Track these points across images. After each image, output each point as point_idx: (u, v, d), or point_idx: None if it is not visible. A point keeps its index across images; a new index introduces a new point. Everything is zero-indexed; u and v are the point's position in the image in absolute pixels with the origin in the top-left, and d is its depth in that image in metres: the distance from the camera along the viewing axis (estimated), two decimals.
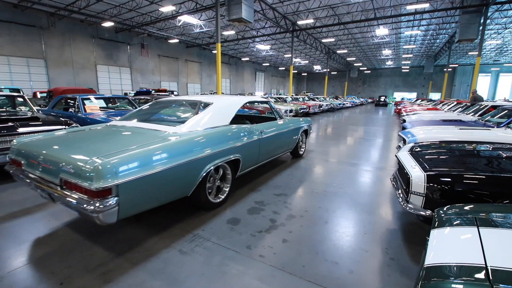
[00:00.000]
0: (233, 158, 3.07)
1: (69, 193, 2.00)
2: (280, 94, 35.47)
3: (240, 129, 3.31)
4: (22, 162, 2.45)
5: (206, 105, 3.33)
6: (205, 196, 2.84)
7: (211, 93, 25.50)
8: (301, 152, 5.59)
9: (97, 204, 1.83)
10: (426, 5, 16.68)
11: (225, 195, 3.15)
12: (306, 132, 5.65)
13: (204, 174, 2.67)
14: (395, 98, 48.28)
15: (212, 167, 2.75)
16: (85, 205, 1.85)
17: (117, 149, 2.13)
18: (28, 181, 2.32)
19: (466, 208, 1.57)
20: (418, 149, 3.00)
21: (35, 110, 5.13)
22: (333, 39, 26.98)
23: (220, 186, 3.12)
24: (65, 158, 2.08)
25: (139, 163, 2.07)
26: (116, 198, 1.91)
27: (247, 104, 5.66)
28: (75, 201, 1.92)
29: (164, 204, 2.49)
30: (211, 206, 2.96)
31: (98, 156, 1.98)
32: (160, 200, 2.36)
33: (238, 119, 5.20)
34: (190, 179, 2.56)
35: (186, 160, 2.44)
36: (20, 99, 5.46)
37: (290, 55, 30.01)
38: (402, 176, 2.60)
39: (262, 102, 4.31)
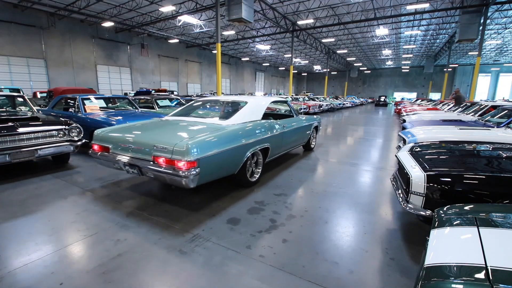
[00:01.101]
0: (264, 146, 3.81)
1: (160, 166, 2.71)
2: (280, 94, 35.46)
3: (269, 123, 4.09)
4: (110, 147, 3.21)
5: (244, 104, 4.17)
6: (245, 176, 3.58)
7: (211, 93, 25.50)
8: (312, 146, 6.25)
9: (186, 173, 2.57)
10: (426, 5, 16.67)
11: (258, 176, 3.88)
12: (316, 128, 6.26)
13: (246, 158, 3.41)
14: (395, 98, 48.27)
15: (251, 152, 3.49)
16: (176, 174, 2.58)
17: (193, 135, 2.89)
18: (116, 160, 3.07)
19: (466, 208, 1.57)
20: (418, 149, 3.00)
21: (35, 110, 5.12)
22: (333, 39, 26.97)
23: (254, 169, 3.85)
24: (156, 142, 2.81)
25: (210, 145, 2.84)
26: (198, 169, 2.65)
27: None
28: (167, 171, 2.64)
29: (218, 179, 3.21)
30: (248, 184, 3.69)
31: (183, 139, 2.75)
32: (219, 174, 3.10)
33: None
34: (238, 160, 3.30)
35: (237, 145, 3.19)
36: (20, 99, 5.45)
37: (290, 55, 30.00)
38: (402, 176, 2.60)
39: (283, 102, 5.02)
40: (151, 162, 2.80)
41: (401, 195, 2.44)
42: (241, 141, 3.28)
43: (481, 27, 15.76)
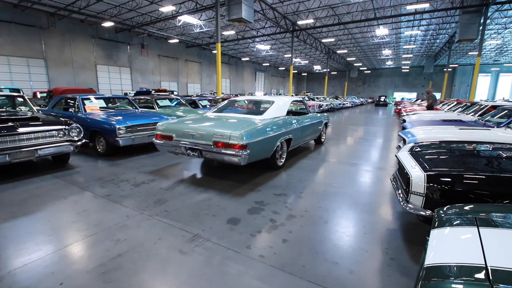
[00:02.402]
0: (289, 137, 4.64)
1: (219, 149, 3.58)
2: (280, 94, 35.46)
3: (291, 119, 4.93)
4: (173, 135, 4.04)
5: (271, 103, 5.00)
6: (275, 160, 4.47)
7: (211, 93, 25.49)
8: (322, 140, 7.08)
9: (240, 153, 3.45)
10: (426, 5, 16.68)
11: (283, 161, 4.74)
12: (326, 125, 7.12)
13: (276, 146, 4.27)
14: (395, 98, 48.27)
15: (280, 141, 4.36)
16: (233, 154, 3.47)
17: (241, 126, 3.74)
18: (178, 146, 3.95)
19: (466, 208, 1.57)
20: (418, 149, 3.00)
21: (35, 110, 5.12)
22: (333, 39, 26.98)
23: (281, 156, 4.68)
24: (215, 131, 3.69)
25: (255, 134, 3.72)
26: (248, 151, 3.52)
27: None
28: (226, 152, 3.52)
29: (256, 161, 3.98)
30: (277, 167, 4.59)
31: (237, 129, 3.62)
32: (258, 157, 3.93)
33: None
34: (272, 146, 4.16)
35: (272, 135, 4.08)
36: (20, 99, 5.45)
37: (290, 55, 30.01)
38: (402, 176, 2.60)
39: (300, 101, 5.93)
40: (212, 146, 3.67)
41: (401, 195, 2.44)
42: (274, 132, 4.17)
43: (481, 27, 15.76)
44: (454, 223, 1.41)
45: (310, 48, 32.10)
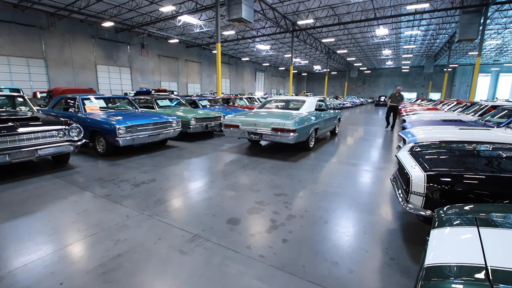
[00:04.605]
0: (316, 127, 6.21)
1: (276, 133, 5.24)
2: (280, 94, 35.46)
3: (318, 113, 6.53)
4: (239, 125, 5.68)
5: (303, 102, 6.62)
6: (308, 143, 6.04)
7: (211, 93, 25.49)
8: (336, 131, 8.78)
9: (291, 135, 5.09)
10: (426, 5, 16.67)
11: (312, 144, 6.30)
12: (339, 119, 8.80)
13: (310, 132, 5.86)
14: None
15: (312, 130, 5.94)
16: (286, 136, 5.11)
17: (289, 118, 5.35)
18: (243, 132, 5.63)
19: (466, 208, 1.57)
20: (418, 149, 3.00)
21: (35, 110, 5.12)
22: (333, 39, 26.97)
23: (311, 141, 6.18)
24: (272, 121, 5.32)
25: (299, 122, 5.28)
26: (296, 134, 5.10)
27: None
28: (282, 135, 5.16)
29: (298, 142, 5.49)
30: (309, 148, 6.14)
31: (288, 119, 5.26)
32: (300, 139, 5.40)
33: None
34: (307, 132, 5.73)
35: (308, 124, 5.66)
36: (20, 99, 5.45)
37: (290, 55, 29.98)
38: (402, 176, 2.60)
39: (322, 100, 7.37)
40: (271, 131, 5.33)
41: (401, 195, 2.44)
42: (308, 122, 5.72)
43: (481, 27, 15.76)
44: (454, 223, 1.41)
45: (310, 48, 32.08)
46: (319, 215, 2.93)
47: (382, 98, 32.69)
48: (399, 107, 11.43)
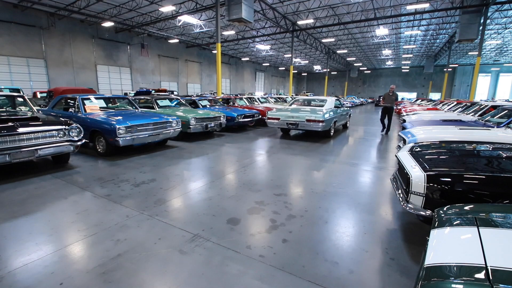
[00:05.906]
0: (335, 120, 8.08)
1: (309, 123, 7.21)
2: (280, 94, 35.44)
3: (335, 109, 8.31)
4: (280, 118, 7.63)
5: (325, 100, 8.51)
6: (329, 131, 7.87)
7: (211, 93, 25.49)
8: (347, 125, 10.65)
9: (320, 124, 7.07)
10: (426, 5, 16.67)
11: (332, 133, 8.13)
12: (349, 116, 10.64)
13: (332, 124, 7.79)
14: None
15: (332, 122, 7.81)
16: (316, 126, 7.13)
17: (317, 112, 7.47)
18: (282, 123, 7.63)
19: (466, 208, 1.57)
20: (418, 149, 3.00)
21: (35, 110, 5.12)
22: (333, 39, 26.96)
23: (331, 130, 8.00)
24: (305, 115, 7.33)
25: (325, 115, 7.25)
26: (324, 123, 7.12)
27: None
28: (314, 124, 7.13)
29: (323, 131, 7.37)
30: (330, 135, 8.01)
31: (318, 113, 7.37)
32: (325, 128, 7.26)
33: None
34: (330, 123, 7.62)
35: (330, 118, 7.51)
36: (20, 99, 5.45)
37: (290, 55, 29.97)
38: (402, 176, 2.60)
39: (337, 99, 9.30)
40: (305, 122, 7.13)
41: (401, 195, 2.44)
42: (330, 116, 7.51)
43: (481, 27, 15.75)
44: (454, 223, 1.41)
45: (310, 48, 32.07)
46: (319, 215, 2.93)
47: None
48: (395, 108, 11.19)
